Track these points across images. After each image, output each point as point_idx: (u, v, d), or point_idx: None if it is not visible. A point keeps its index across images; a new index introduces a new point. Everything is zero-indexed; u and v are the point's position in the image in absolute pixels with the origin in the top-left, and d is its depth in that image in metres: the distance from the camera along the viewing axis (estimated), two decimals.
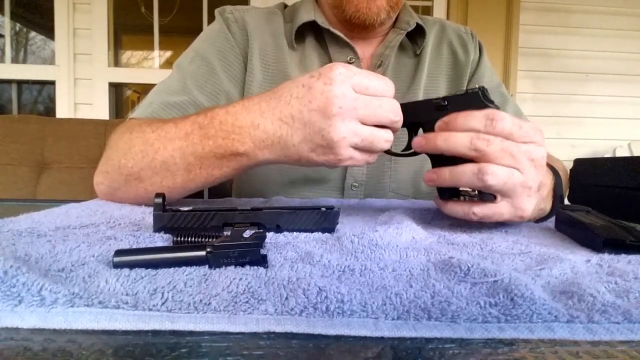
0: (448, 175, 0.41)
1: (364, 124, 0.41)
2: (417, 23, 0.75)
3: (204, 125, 0.47)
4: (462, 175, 0.40)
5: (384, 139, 0.42)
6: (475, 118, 0.40)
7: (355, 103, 0.40)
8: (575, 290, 0.25)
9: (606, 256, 0.34)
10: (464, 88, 0.78)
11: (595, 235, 0.36)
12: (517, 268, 0.30)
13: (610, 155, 2.02)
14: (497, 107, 0.41)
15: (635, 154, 2.05)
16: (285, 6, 0.81)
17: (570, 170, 0.76)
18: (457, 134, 0.40)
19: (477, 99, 0.42)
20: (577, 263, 0.31)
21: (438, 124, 0.42)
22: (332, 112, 0.40)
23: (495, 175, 0.38)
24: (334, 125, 0.40)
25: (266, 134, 0.43)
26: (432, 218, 0.48)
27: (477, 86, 0.42)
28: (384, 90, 0.42)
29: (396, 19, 0.76)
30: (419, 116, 0.45)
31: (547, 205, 0.47)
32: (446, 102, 0.43)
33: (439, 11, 2.11)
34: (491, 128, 0.39)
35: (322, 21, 0.72)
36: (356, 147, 0.42)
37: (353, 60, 0.72)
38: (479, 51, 0.82)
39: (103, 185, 0.56)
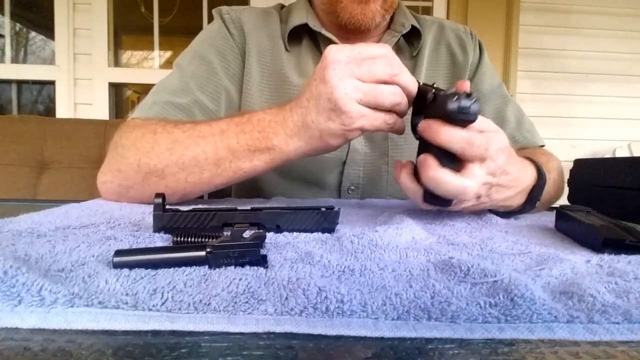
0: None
1: (363, 82, 0.44)
2: (412, 25, 0.74)
3: (241, 123, 0.51)
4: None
5: (389, 91, 0.44)
6: (453, 140, 0.38)
7: (348, 65, 0.44)
8: (575, 290, 0.25)
9: (606, 256, 0.34)
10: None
11: (595, 235, 0.36)
12: (517, 268, 0.30)
13: (610, 156, 2.02)
14: (473, 118, 0.38)
15: (635, 154, 2.05)
16: (282, 6, 0.80)
17: (570, 170, 0.75)
18: (456, 131, 0.39)
19: (450, 114, 0.38)
20: (577, 263, 0.31)
21: (422, 124, 0.41)
22: (329, 75, 0.44)
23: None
24: (334, 86, 0.43)
25: (293, 122, 0.48)
26: (432, 218, 0.48)
27: (457, 100, 0.37)
28: (378, 53, 0.45)
29: (391, 20, 0.76)
30: (417, 100, 0.46)
31: (514, 202, 0.49)
32: (433, 96, 0.41)
33: (439, 11, 2.11)
34: (469, 150, 0.39)
35: (314, 24, 0.72)
36: (363, 104, 0.44)
37: None
38: (479, 51, 0.80)
39: (112, 184, 0.55)
